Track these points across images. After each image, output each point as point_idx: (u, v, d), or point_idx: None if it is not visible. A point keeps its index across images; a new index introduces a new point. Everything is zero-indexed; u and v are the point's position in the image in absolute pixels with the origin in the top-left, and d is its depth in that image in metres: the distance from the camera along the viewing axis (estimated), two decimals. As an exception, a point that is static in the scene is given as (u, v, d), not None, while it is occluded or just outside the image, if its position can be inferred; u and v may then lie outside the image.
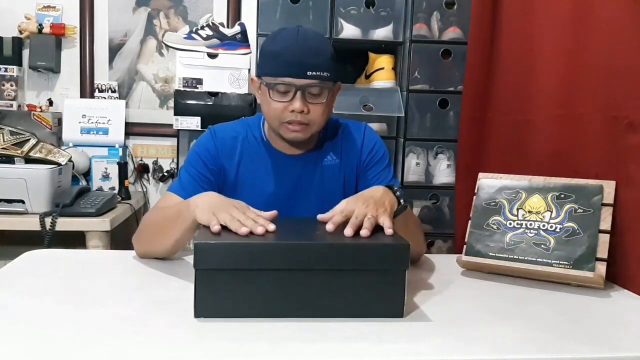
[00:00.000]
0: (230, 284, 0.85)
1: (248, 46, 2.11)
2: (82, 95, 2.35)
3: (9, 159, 1.80)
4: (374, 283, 0.87)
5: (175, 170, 2.34)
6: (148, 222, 1.18)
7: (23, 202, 1.77)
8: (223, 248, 0.85)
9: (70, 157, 1.96)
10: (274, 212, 1.00)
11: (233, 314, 0.85)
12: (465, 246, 1.19)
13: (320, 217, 1.01)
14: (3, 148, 1.80)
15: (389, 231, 0.94)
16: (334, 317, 0.86)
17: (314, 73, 1.12)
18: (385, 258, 0.87)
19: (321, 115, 1.17)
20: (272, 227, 0.92)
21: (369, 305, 0.87)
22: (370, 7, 2.08)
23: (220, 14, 2.33)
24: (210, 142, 1.25)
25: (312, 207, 1.18)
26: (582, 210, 1.12)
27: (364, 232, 0.91)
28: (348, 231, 0.92)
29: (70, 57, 2.33)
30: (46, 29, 2.24)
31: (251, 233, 0.90)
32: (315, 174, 1.27)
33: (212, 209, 0.97)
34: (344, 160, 1.29)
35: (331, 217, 0.97)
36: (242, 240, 0.87)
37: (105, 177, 2.24)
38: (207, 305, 0.85)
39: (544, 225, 1.14)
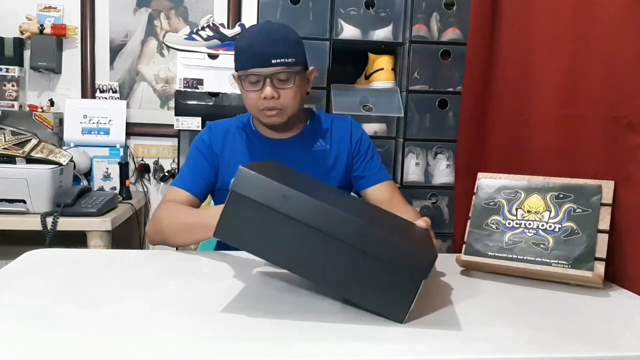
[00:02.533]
0: (256, 219, 0.84)
1: (248, 47, 2.12)
2: (83, 96, 2.35)
3: (10, 159, 1.81)
4: (389, 279, 0.84)
5: (176, 170, 2.35)
6: (169, 219, 1.23)
7: (24, 202, 1.78)
8: (262, 181, 0.83)
9: (72, 157, 1.97)
10: None
11: (247, 248, 0.85)
12: (464, 245, 1.20)
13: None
14: (4, 148, 1.81)
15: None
16: (337, 294, 0.85)
17: (278, 60, 1.21)
18: (410, 259, 0.84)
19: (292, 99, 1.26)
20: None
21: (375, 299, 0.85)
22: (370, 8, 2.08)
23: (220, 15, 2.34)
24: (206, 135, 1.39)
25: None
26: (581, 210, 1.12)
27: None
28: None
29: (71, 57, 2.34)
30: (47, 30, 2.25)
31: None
32: (305, 157, 1.35)
33: None
34: (334, 147, 1.39)
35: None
36: (282, 183, 0.85)
37: (107, 177, 2.24)
38: (229, 229, 0.84)
39: (542, 225, 1.14)
